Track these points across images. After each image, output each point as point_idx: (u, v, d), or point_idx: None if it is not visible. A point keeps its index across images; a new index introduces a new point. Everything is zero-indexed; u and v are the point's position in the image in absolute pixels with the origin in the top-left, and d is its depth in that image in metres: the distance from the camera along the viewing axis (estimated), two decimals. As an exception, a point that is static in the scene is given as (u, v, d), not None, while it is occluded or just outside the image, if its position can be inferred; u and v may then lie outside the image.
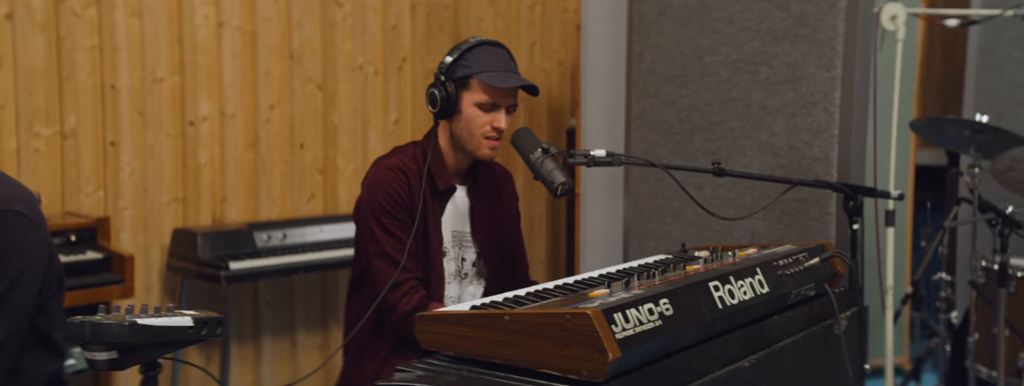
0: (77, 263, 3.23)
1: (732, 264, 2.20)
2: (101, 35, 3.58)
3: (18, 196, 2.00)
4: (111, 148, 3.64)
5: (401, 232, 2.45)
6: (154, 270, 3.79)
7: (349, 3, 4.25)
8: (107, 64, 3.60)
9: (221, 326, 1.88)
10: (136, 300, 3.68)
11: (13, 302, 1.94)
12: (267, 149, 4.05)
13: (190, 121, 3.83)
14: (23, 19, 3.39)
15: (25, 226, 1.97)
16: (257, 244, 3.78)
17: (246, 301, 4.07)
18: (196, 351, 3.91)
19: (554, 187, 2.33)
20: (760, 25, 3.08)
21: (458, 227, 2.63)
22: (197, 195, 3.88)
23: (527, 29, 4.86)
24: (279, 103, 4.08)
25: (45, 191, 3.46)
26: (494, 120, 2.49)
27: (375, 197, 2.47)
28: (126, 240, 3.69)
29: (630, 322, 1.79)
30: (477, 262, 2.65)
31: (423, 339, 1.90)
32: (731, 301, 2.06)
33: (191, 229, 3.70)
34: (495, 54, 2.50)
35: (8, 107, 3.38)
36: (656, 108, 3.31)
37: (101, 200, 3.62)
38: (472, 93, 2.47)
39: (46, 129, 3.48)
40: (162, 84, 3.75)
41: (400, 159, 2.55)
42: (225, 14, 3.89)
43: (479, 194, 2.66)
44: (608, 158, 2.40)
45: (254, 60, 3.99)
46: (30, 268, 1.97)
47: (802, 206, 2.98)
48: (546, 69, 4.96)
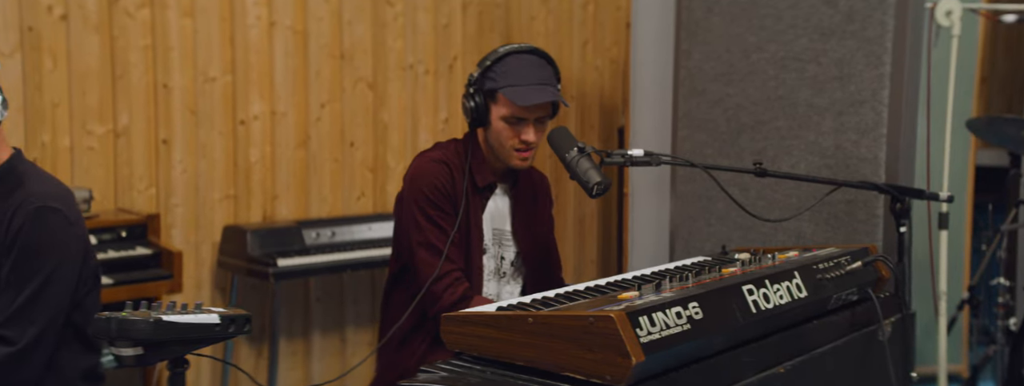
0: (127, 259, 3.29)
1: (769, 267, 2.15)
2: (154, 35, 3.64)
3: (55, 193, 2.03)
4: (163, 146, 3.70)
5: (446, 223, 2.45)
6: (205, 266, 3.84)
7: (400, 2, 4.26)
8: (160, 64, 3.66)
9: (249, 324, 1.89)
10: (185, 296, 3.74)
11: (48, 297, 1.98)
12: (317, 147, 4.08)
13: (241, 120, 3.88)
14: (77, 20, 3.46)
15: (61, 223, 2.00)
16: (306, 242, 3.81)
17: (297, 298, 4.10)
18: (247, 347, 3.96)
19: (589, 187, 2.30)
20: (808, 22, 3.01)
21: (498, 225, 2.62)
22: (248, 193, 3.92)
23: (579, 28, 4.83)
24: (330, 102, 4.11)
25: (98, 188, 3.54)
26: (522, 133, 2.48)
27: (420, 187, 2.47)
28: (177, 237, 3.75)
29: (656, 326, 1.75)
30: (515, 261, 2.64)
31: (448, 340, 1.89)
32: (766, 305, 2.01)
33: (241, 226, 3.74)
34: (525, 64, 2.46)
35: (62, 105, 3.45)
36: (703, 107, 3.26)
37: (153, 197, 3.68)
38: (499, 107, 2.46)
39: (99, 127, 3.55)
40: (214, 83, 3.80)
41: (443, 153, 2.56)
42: (277, 14, 3.93)
43: (519, 194, 2.65)
44: (646, 158, 2.37)
45: (305, 59, 4.02)
46: (66, 264, 2.01)
47: (849, 208, 2.91)
48: (598, 67, 4.92)
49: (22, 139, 3.36)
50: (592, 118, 4.94)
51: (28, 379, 1.99)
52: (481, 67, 2.47)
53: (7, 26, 3.31)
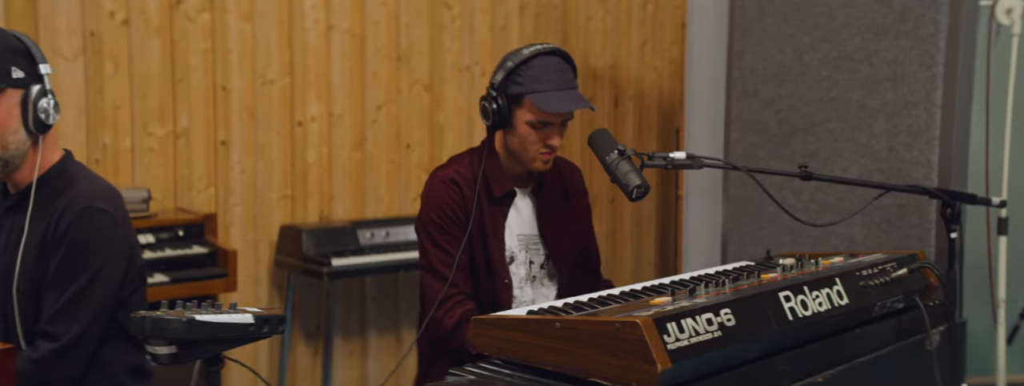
0: (184, 257, 3.37)
1: (810, 273, 2.10)
2: (214, 39, 3.72)
3: (102, 194, 2.08)
4: (222, 147, 3.77)
5: (452, 246, 2.44)
6: (263, 265, 3.91)
7: (458, 4, 4.28)
8: (219, 66, 3.73)
9: (282, 324, 1.91)
10: (242, 293, 3.81)
11: (93, 295, 2.03)
12: (374, 149, 4.12)
13: (299, 121, 3.93)
14: (139, 24, 3.54)
15: (108, 222, 2.05)
16: (360, 242, 3.85)
17: (352, 297, 4.15)
18: (303, 345, 4.02)
19: (629, 190, 2.27)
20: (861, 21, 2.93)
21: (525, 230, 2.59)
22: (305, 193, 3.98)
23: (638, 27, 4.79)
24: (386, 104, 4.14)
25: (158, 188, 3.62)
26: (547, 137, 2.44)
27: (427, 211, 2.48)
28: (236, 236, 3.82)
29: (685, 332, 1.73)
30: (546, 264, 2.61)
31: (478, 343, 1.89)
32: (804, 312, 1.96)
33: (297, 226, 3.80)
34: (550, 67, 2.42)
35: (124, 108, 3.54)
36: (755, 108, 3.21)
37: (212, 197, 3.76)
38: (525, 111, 2.41)
39: (160, 129, 3.63)
40: (272, 85, 3.86)
41: (455, 169, 2.53)
42: (335, 17, 3.98)
43: (544, 195, 2.60)
44: (688, 160, 2.33)
45: (362, 62, 4.07)
46: (111, 263, 2.06)
47: (901, 212, 2.83)
48: (657, 67, 4.87)
49: (84, 140, 3.46)
50: (650, 119, 4.89)
51: (72, 374, 2.04)
52: (503, 70, 2.42)
53: (70, 31, 3.41)
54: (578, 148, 4.50)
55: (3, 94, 1.97)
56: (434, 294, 2.43)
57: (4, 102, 1.97)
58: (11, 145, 2.00)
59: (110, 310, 2.07)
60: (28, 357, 1.98)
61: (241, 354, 3.85)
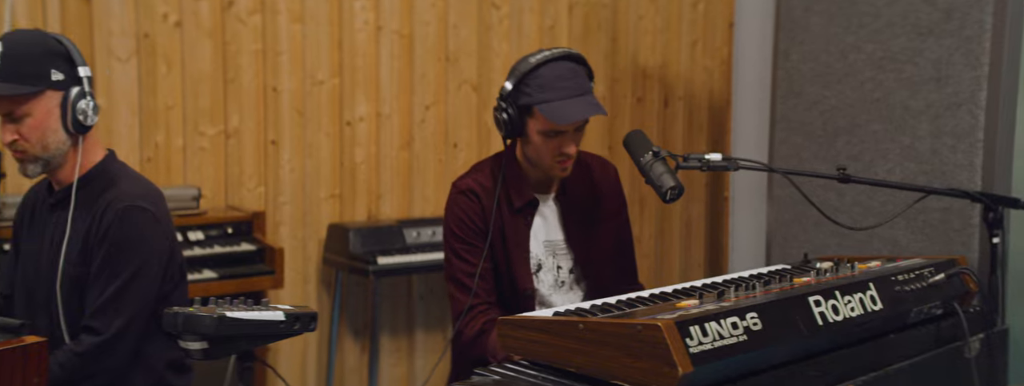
0: (232, 254, 3.43)
1: (844, 278, 2.07)
2: (264, 40, 3.78)
3: (143, 193, 2.14)
4: (272, 147, 3.83)
5: (473, 257, 2.44)
6: (312, 262, 3.97)
7: (506, 5, 4.30)
8: (269, 67, 3.80)
9: (314, 321, 1.94)
10: (291, 291, 3.87)
11: (134, 291, 2.08)
12: (421, 148, 4.16)
13: (347, 121, 3.98)
14: (191, 26, 3.62)
15: (148, 221, 2.10)
16: (407, 240, 3.89)
17: (400, 295, 4.19)
18: (351, 342, 4.07)
19: (663, 192, 2.26)
20: (906, 19, 2.87)
21: (551, 237, 2.57)
22: (353, 192, 4.03)
23: (688, 27, 4.75)
24: (434, 104, 4.17)
25: (209, 186, 3.70)
26: (561, 146, 2.41)
27: (447, 222, 2.49)
28: (285, 233, 3.88)
29: (708, 336, 1.71)
30: (574, 269, 2.59)
31: (504, 344, 1.90)
32: (834, 318, 1.93)
33: (344, 224, 3.85)
34: (559, 74, 2.36)
35: (176, 108, 3.62)
36: (800, 109, 3.16)
37: (262, 195, 3.83)
38: (536, 121, 2.39)
39: (211, 128, 3.70)
40: (321, 86, 3.92)
41: (474, 178, 2.52)
42: (384, 18, 4.02)
43: (570, 199, 2.58)
44: (724, 162, 2.32)
45: (410, 62, 4.10)
46: (152, 260, 2.11)
47: (944, 216, 2.77)
48: (707, 67, 4.83)
49: (137, 140, 3.55)
50: (700, 119, 4.85)
51: (114, 368, 2.10)
52: (512, 79, 2.38)
53: (124, 33, 3.49)
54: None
55: (42, 95, 2.03)
56: (458, 305, 2.45)
57: (44, 103, 2.03)
58: (51, 145, 2.06)
59: (151, 306, 2.13)
60: (72, 350, 2.04)
61: (290, 350, 3.93)
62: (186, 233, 3.41)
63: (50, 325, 2.10)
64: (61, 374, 2.02)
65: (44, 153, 2.06)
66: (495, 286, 2.50)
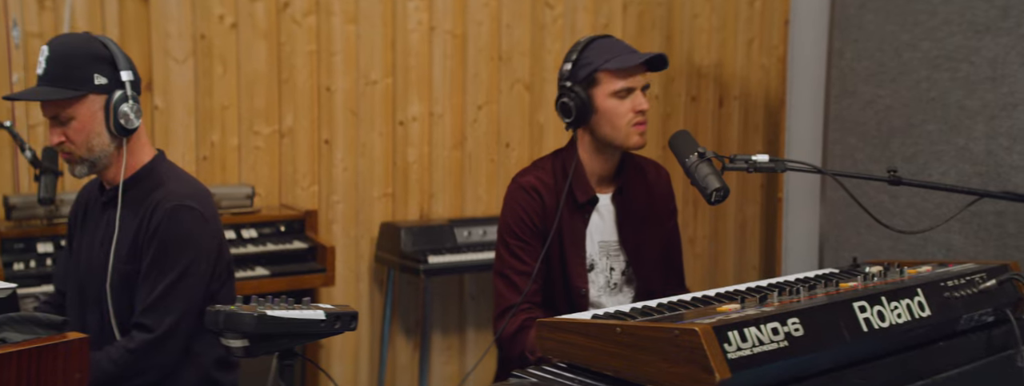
0: (285, 252, 3.48)
1: (891, 283, 2.02)
2: (319, 41, 3.82)
3: (190, 193, 2.17)
4: (325, 146, 3.88)
5: (526, 254, 2.43)
6: (364, 260, 4.00)
7: (560, 4, 4.29)
8: (323, 68, 3.84)
9: (355, 321, 1.95)
10: (343, 288, 3.91)
11: (183, 289, 2.12)
12: (473, 148, 4.17)
13: (400, 121, 4.01)
14: (246, 27, 3.68)
15: (196, 220, 2.14)
16: (458, 240, 3.90)
17: (452, 294, 4.21)
18: (403, 339, 4.10)
19: (708, 193, 2.23)
20: (962, 17, 2.80)
21: (605, 237, 2.56)
22: (405, 191, 4.05)
23: (745, 25, 4.69)
24: (486, 104, 4.18)
25: (263, 185, 3.75)
26: (635, 104, 2.43)
27: (505, 217, 2.48)
28: (338, 231, 3.92)
29: (747, 341, 1.69)
30: (626, 270, 2.58)
31: (543, 346, 1.89)
32: (880, 324, 1.89)
33: (396, 223, 3.88)
34: (609, 44, 2.45)
35: (231, 108, 3.68)
36: (854, 109, 3.10)
37: (315, 194, 3.87)
38: (603, 86, 2.41)
39: (266, 128, 3.76)
40: (375, 86, 3.95)
41: (537, 175, 2.52)
42: (437, 19, 4.04)
43: (626, 200, 2.56)
44: (770, 163, 2.27)
45: (463, 62, 4.12)
46: (200, 258, 2.15)
47: (999, 220, 2.68)
48: (764, 66, 4.76)
49: (193, 139, 3.61)
50: (756, 118, 4.79)
51: (165, 364, 2.14)
52: (568, 61, 2.44)
53: (181, 35, 3.56)
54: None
55: (86, 99, 2.08)
56: (502, 301, 2.45)
57: (87, 107, 2.08)
58: (95, 147, 2.11)
59: (200, 303, 2.16)
60: (124, 347, 2.09)
61: (343, 347, 3.97)
62: (240, 231, 3.46)
63: (101, 321, 2.15)
64: (114, 370, 2.07)
65: (89, 155, 2.11)
66: (545, 286, 2.49)
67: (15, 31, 3.20)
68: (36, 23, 3.28)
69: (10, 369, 1.44)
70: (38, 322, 1.54)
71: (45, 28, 3.29)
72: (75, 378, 1.52)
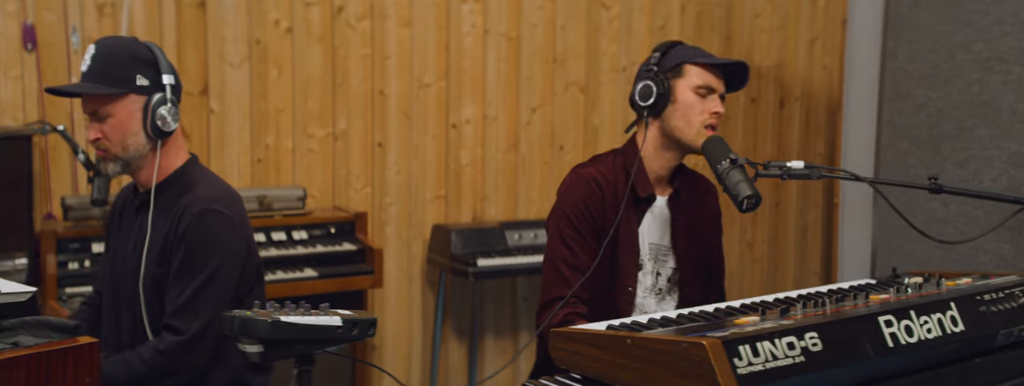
0: (334, 253, 3.52)
1: (925, 296, 1.95)
2: (373, 44, 3.86)
3: (219, 196, 2.21)
4: (378, 148, 3.91)
5: (578, 247, 2.40)
6: (417, 262, 4.03)
7: (616, 5, 4.25)
8: (377, 71, 3.87)
9: (374, 327, 1.95)
10: (394, 290, 3.94)
11: (211, 292, 2.16)
12: (527, 150, 4.16)
13: (453, 123, 4.02)
14: (301, 32, 3.73)
15: (223, 223, 2.17)
16: (508, 243, 3.90)
17: (504, 297, 4.21)
18: (456, 342, 4.11)
19: (739, 201, 2.18)
20: (1015, 17, 2.68)
21: (656, 239, 2.52)
22: (458, 193, 4.07)
23: (807, 24, 4.58)
24: (540, 106, 4.17)
25: (317, 187, 3.80)
26: (712, 105, 2.42)
27: (563, 207, 2.45)
28: (391, 233, 3.95)
29: (760, 356, 1.64)
30: (673, 276, 2.54)
31: (556, 356, 1.87)
32: (908, 339, 1.82)
33: (447, 226, 3.89)
34: (699, 49, 2.48)
35: (286, 111, 3.74)
36: (906, 112, 2.99)
37: (368, 196, 3.91)
38: (688, 79, 2.41)
39: (320, 130, 3.81)
40: (428, 89, 3.97)
41: (598, 169, 2.49)
42: (491, 21, 4.04)
43: (681, 204, 2.53)
44: (805, 170, 2.22)
45: (517, 65, 4.11)
46: (228, 261, 2.18)
47: (1051, 230, 2.57)
48: (826, 66, 4.64)
49: (248, 141, 3.68)
50: (817, 120, 4.67)
51: (195, 367, 2.18)
52: (659, 51, 2.46)
53: (237, 40, 3.63)
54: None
55: (125, 98, 2.13)
56: (548, 292, 2.42)
57: (126, 106, 2.13)
58: (131, 147, 2.15)
59: (228, 306, 2.19)
60: (155, 348, 2.13)
61: (396, 348, 4.00)
62: (291, 232, 3.51)
63: (135, 322, 2.20)
64: (145, 370, 2.11)
65: (124, 154, 2.15)
66: (590, 281, 2.47)
67: (74, 36, 3.31)
68: (95, 29, 3.38)
69: (19, 372, 1.48)
70: (52, 326, 1.59)
71: (104, 33, 3.39)
72: (85, 382, 1.55)
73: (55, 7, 3.30)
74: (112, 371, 2.11)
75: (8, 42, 3.24)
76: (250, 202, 3.49)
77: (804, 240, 4.70)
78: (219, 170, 3.62)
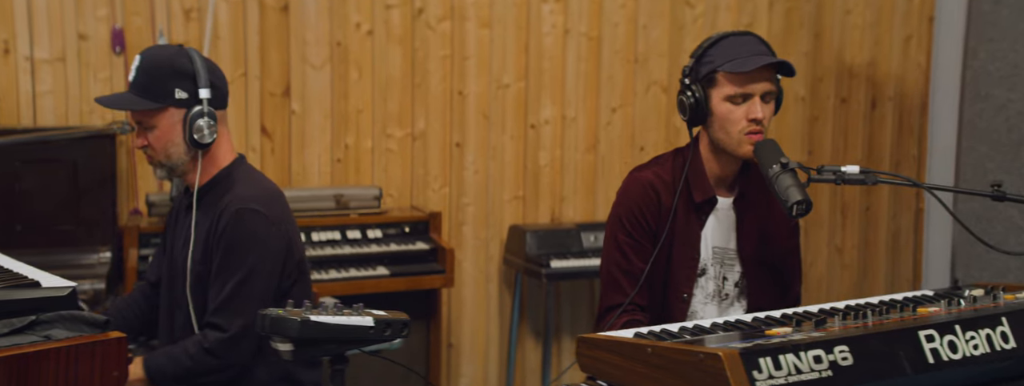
0: (407, 252, 3.57)
1: (977, 310, 1.85)
2: (452, 45, 3.89)
3: (256, 195, 2.25)
4: (456, 149, 3.94)
5: (633, 252, 2.35)
6: (494, 262, 4.05)
7: (701, 3, 4.17)
8: (456, 72, 3.91)
9: (407, 328, 1.97)
10: (471, 289, 3.98)
11: (250, 290, 2.21)
12: (606, 151, 4.13)
13: (532, 124, 4.03)
14: (381, 34, 3.79)
15: (260, 222, 2.22)
16: (584, 244, 3.88)
17: (580, 298, 4.19)
18: (532, 342, 4.11)
19: (789, 206, 2.10)
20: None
21: (721, 243, 2.44)
22: (536, 194, 4.07)
23: (901, 21, 4.40)
24: (621, 106, 4.13)
25: (395, 187, 3.86)
26: (749, 111, 2.27)
27: (618, 211, 2.40)
28: (468, 233, 3.98)
29: (782, 369, 1.60)
30: (740, 282, 2.45)
31: (582, 363, 1.86)
32: (951, 356, 1.74)
33: (522, 226, 3.89)
34: (740, 43, 2.29)
35: (366, 111, 3.81)
36: (986, 114, 2.85)
37: (446, 196, 3.95)
38: (720, 88, 2.28)
39: (399, 131, 3.86)
40: (507, 89, 3.98)
41: (655, 171, 2.43)
42: (572, 21, 4.03)
43: (748, 206, 2.44)
44: (860, 175, 2.14)
45: (598, 65, 4.08)
46: (267, 259, 2.22)
47: None
48: (921, 65, 4.44)
49: (329, 142, 3.76)
50: (911, 121, 4.47)
51: (240, 362, 2.24)
52: (694, 57, 2.33)
53: (319, 42, 3.71)
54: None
55: (165, 111, 2.20)
56: (603, 299, 2.39)
57: (167, 118, 2.20)
58: (173, 156, 2.23)
59: (270, 302, 2.23)
60: (200, 344, 2.20)
61: (473, 347, 4.02)
62: (365, 231, 3.58)
63: (186, 318, 2.28)
64: (192, 366, 2.19)
65: (167, 161, 2.24)
66: (647, 287, 2.42)
67: (161, 40, 3.44)
68: (182, 32, 3.51)
69: (49, 364, 1.56)
70: (85, 321, 1.66)
71: (190, 37, 3.52)
72: (112, 376, 1.62)
73: (143, 11, 3.45)
74: (160, 365, 2.19)
75: (98, 45, 3.40)
76: (326, 201, 3.57)
77: (896, 246, 4.52)
78: (299, 169, 3.72)
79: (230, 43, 3.58)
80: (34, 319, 1.64)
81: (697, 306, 2.46)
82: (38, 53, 3.34)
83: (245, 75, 3.63)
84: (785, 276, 2.50)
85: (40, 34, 3.34)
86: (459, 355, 4.04)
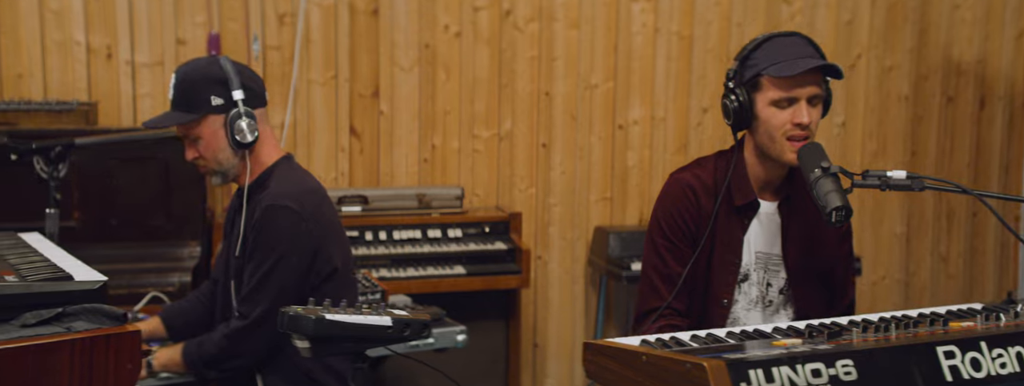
0: (485, 252, 3.61)
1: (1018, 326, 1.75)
2: (540, 46, 3.91)
3: (290, 192, 2.32)
4: (543, 149, 3.96)
5: (671, 256, 2.31)
6: (580, 263, 4.04)
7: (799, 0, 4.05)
8: (544, 73, 3.92)
9: (428, 329, 2.00)
10: (557, 290, 3.99)
11: (271, 283, 2.28)
12: (697, 152, 4.05)
13: (620, 125, 4.00)
14: (469, 35, 3.84)
15: (290, 218, 2.29)
16: (669, 247, 3.82)
17: (672, 301, 4.13)
18: (620, 344, 4.09)
19: (827, 212, 2.02)
20: None
21: (765, 248, 2.38)
22: (623, 195, 4.04)
23: (1013, 15, 4.14)
24: (713, 107, 4.05)
25: (482, 186, 3.91)
26: (794, 116, 2.20)
27: (657, 213, 2.37)
28: (554, 233, 3.99)
29: (774, 382, 1.55)
30: (785, 289, 2.38)
31: (587, 369, 1.85)
32: (973, 374, 1.65)
33: (607, 228, 3.88)
34: (786, 44, 2.22)
35: (453, 112, 3.87)
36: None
37: (533, 196, 3.97)
38: (764, 92, 2.21)
39: (485, 131, 3.91)
40: (595, 90, 3.97)
41: (696, 173, 2.38)
42: (662, 20, 3.98)
43: (794, 210, 2.36)
44: (907, 181, 2.04)
45: (689, 64, 4.02)
46: (293, 254, 2.29)
47: None
48: (1041, 63, 4.18)
49: (416, 142, 3.84)
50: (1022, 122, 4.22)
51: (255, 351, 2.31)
52: (739, 59, 2.26)
53: (408, 44, 3.79)
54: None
55: (206, 120, 2.29)
56: (641, 304, 2.36)
57: (209, 126, 2.30)
58: (223, 161, 2.33)
59: (292, 296, 2.29)
60: (223, 331, 2.31)
61: (559, 348, 4.03)
62: (446, 230, 3.64)
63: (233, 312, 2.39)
64: (215, 352, 2.30)
65: (219, 167, 2.34)
66: (686, 293, 2.38)
67: (255, 44, 3.59)
68: (275, 36, 3.65)
69: (64, 355, 1.66)
70: (105, 313, 1.76)
71: (283, 41, 3.66)
72: (126, 368, 1.71)
73: (238, 17, 3.61)
74: (190, 351, 2.31)
75: (196, 50, 3.58)
76: (409, 200, 3.65)
77: (1004, 255, 4.26)
78: (387, 169, 3.81)
79: (321, 46, 3.70)
80: (61, 311, 1.74)
81: (740, 312, 2.39)
82: (139, 57, 3.55)
83: (335, 77, 3.75)
84: (834, 283, 2.41)
85: (141, 39, 3.54)
86: (545, 355, 4.05)
